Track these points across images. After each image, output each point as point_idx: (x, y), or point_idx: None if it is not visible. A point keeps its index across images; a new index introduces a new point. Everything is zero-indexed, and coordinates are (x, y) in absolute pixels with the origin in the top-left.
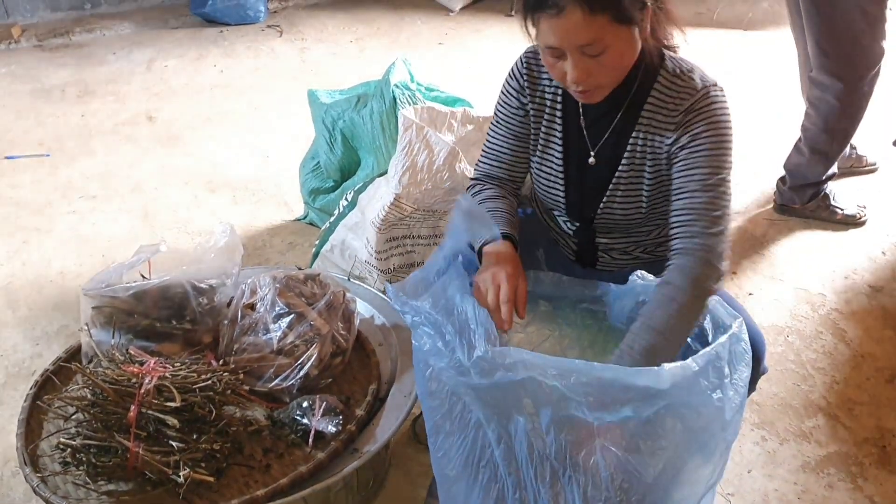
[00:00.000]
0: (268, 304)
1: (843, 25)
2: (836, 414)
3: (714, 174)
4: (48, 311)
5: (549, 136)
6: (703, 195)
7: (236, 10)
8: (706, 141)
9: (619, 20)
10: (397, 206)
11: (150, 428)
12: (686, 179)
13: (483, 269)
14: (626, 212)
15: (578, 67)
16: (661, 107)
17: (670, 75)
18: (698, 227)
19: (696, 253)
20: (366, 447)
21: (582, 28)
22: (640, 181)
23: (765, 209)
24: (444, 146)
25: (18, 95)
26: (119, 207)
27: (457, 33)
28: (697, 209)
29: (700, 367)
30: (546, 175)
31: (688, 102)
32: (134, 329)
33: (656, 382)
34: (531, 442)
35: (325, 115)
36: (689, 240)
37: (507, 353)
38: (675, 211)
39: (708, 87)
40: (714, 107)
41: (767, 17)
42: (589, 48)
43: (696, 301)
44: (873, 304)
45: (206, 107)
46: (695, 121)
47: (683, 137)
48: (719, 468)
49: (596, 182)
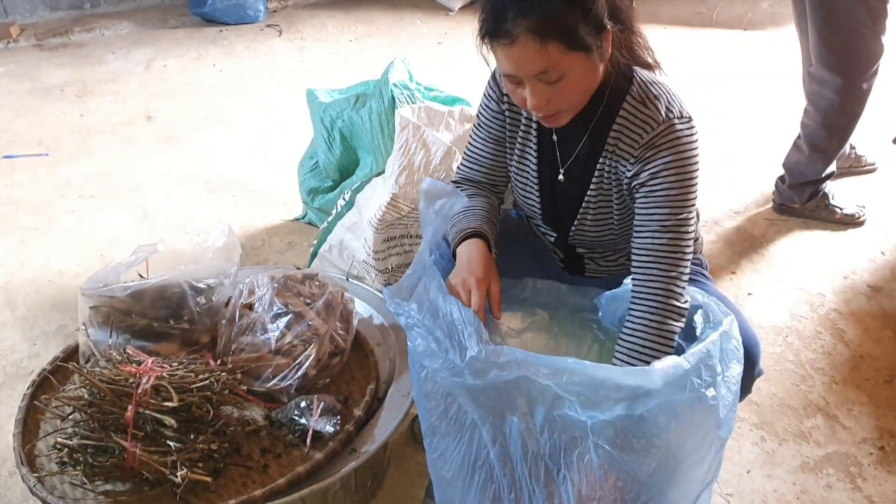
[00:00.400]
0: (266, 303)
1: (844, 18)
2: (835, 414)
3: (674, 215)
4: (46, 310)
5: (525, 146)
6: (661, 236)
7: (235, 9)
8: (666, 181)
9: (572, 47)
10: (394, 206)
11: (147, 428)
12: (646, 219)
13: (454, 272)
14: (599, 232)
15: (536, 95)
16: (625, 135)
17: (636, 101)
18: (657, 270)
19: (657, 297)
20: (364, 447)
21: (535, 56)
22: (609, 206)
23: (764, 209)
24: (441, 146)
25: (17, 95)
26: (118, 207)
27: (456, 33)
28: (656, 251)
29: (692, 364)
30: (523, 184)
31: (649, 136)
32: (132, 329)
33: (648, 381)
34: (525, 442)
35: (323, 114)
36: (648, 283)
37: (501, 351)
38: (635, 249)
39: (672, 121)
40: (676, 143)
41: (767, 17)
42: (544, 76)
43: (662, 343)
44: (872, 304)
45: (205, 106)
46: (654, 158)
47: (643, 174)
48: (714, 466)
49: (568, 199)
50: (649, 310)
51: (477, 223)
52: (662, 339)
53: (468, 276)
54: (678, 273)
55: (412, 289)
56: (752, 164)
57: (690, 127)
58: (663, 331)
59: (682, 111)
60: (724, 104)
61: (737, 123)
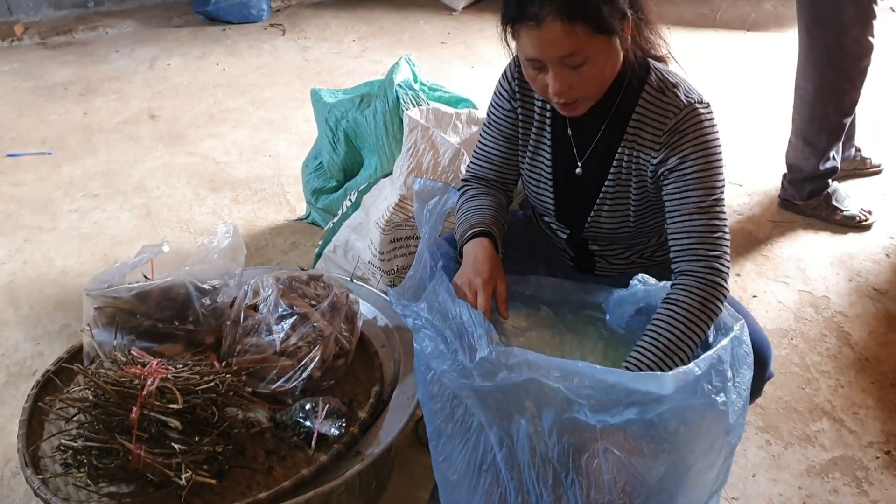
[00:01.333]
0: (271, 305)
1: (832, 12)
2: (840, 418)
3: (708, 195)
4: (50, 309)
5: (538, 142)
6: (700, 218)
7: (239, 8)
8: (695, 163)
9: (598, 30)
10: (402, 208)
11: (151, 430)
12: (681, 203)
13: (460, 272)
14: (614, 226)
15: (559, 79)
16: (646, 123)
17: (654, 90)
18: (702, 251)
19: (703, 276)
20: (368, 450)
21: (562, 39)
22: (627, 197)
23: (768, 211)
24: (450, 147)
25: (21, 93)
26: (121, 206)
27: (459, 32)
28: (697, 233)
29: (703, 371)
30: (536, 181)
31: (672, 121)
32: (136, 330)
33: (659, 388)
34: (533, 445)
35: (328, 114)
36: (693, 263)
37: (511, 353)
38: (674, 234)
39: (693, 105)
40: (700, 126)
41: (770, 18)
42: (569, 59)
43: (705, 322)
44: (878, 307)
45: (209, 105)
46: (681, 142)
47: (672, 159)
48: (724, 473)
49: (584, 192)
50: (695, 286)
51: (484, 221)
52: (702, 319)
53: (474, 277)
54: (721, 252)
55: (416, 289)
56: (756, 165)
57: (710, 111)
58: (709, 309)
59: (701, 97)
60: (727, 105)
61: (740, 125)
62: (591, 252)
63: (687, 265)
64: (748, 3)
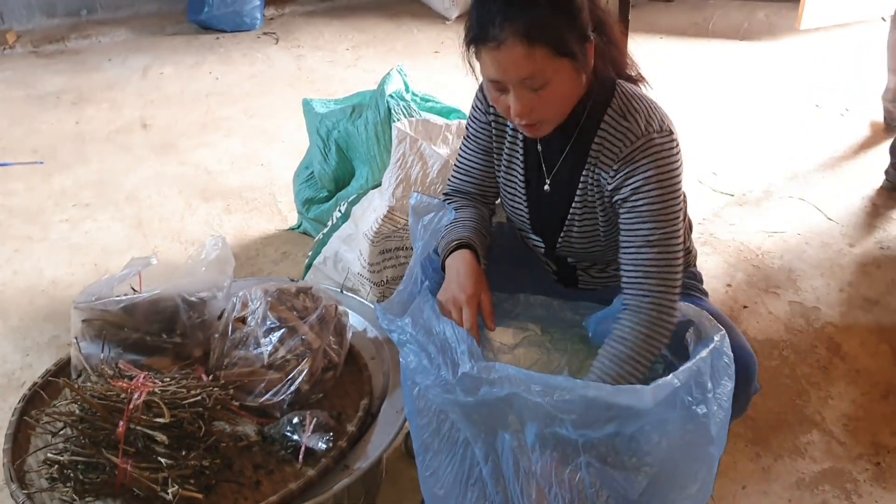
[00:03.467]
0: (259, 317)
1: None
2: (830, 430)
3: (658, 229)
4: (39, 321)
5: (511, 156)
6: (648, 251)
7: (233, 17)
8: (647, 196)
9: (558, 53)
10: (391, 219)
11: (138, 444)
12: (631, 235)
13: (444, 288)
14: (585, 244)
15: (520, 101)
16: (606, 147)
17: (617, 114)
18: (647, 286)
19: (647, 311)
20: (357, 464)
21: (522, 61)
22: (595, 218)
23: (759, 221)
24: (438, 158)
25: (13, 102)
26: (112, 216)
27: (453, 42)
28: (644, 267)
29: (682, 382)
30: (511, 194)
31: (628, 149)
32: (124, 342)
33: (639, 401)
34: (517, 459)
35: (319, 124)
36: (639, 297)
37: (493, 368)
38: (623, 265)
39: (650, 134)
40: (655, 156)
41: (763, 27)
42: (530, 81)
43: (646, 356)
44: (869, 317)
45: (202, 114)
46: (634, 172)
47: (624, 189)
48: (707, 484)
49: (554, 209)
50: (639, 322)
51: (465, 234)
52: (645, 355)
53: (458, 293)
54: (668, 287)
55: (403, 304)
56: (748, 175)
57: (671, 140)
58: (649, 345)
59: (663, 125)
60: (720, 114)
61: (732, 133)
62: (571, 266)
63: (633, 300)
64: (741, 12)
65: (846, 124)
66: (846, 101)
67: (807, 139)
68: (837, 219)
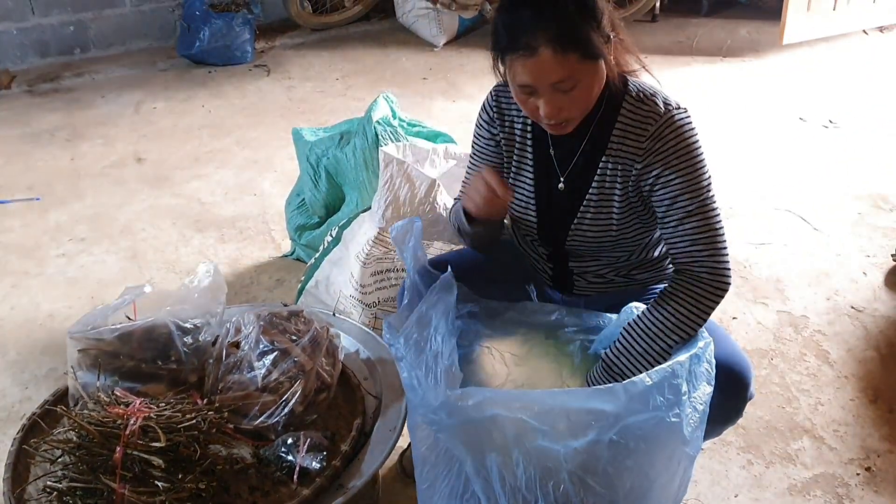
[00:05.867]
0: (252, 341)
1: None
2: (821, 435)
3: (695, 198)
4: (37, 354)
5: (521, 163)
6: (690, 221)
7: (223, 51)
8: (679, 169)
9: (587, 56)
10: (381, 241)
11: (135, 469)
12: (671, 210)
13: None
14: (596, 234)
15: (551, 104)
16: (629, 132)
17: (634, 100)
18: (696, 255)
19: (701, 275)
20: (351, 483)
21: (554, 67)
22: (611, 204)
23: (746, 232)
24: (425, 179)
25: (9, 141)
26: (107, 249)
27: (441, 68)
28: (690, 236)
29: (654, 381)
30: (519, 201)
31: (653, 128)
32: (120, 370)
33: (612, 399)
34: (503, 476)
35: (309, 152)
36: (691, 266)
37: (469, 394)
38: (669, 241)
39: (671, 111)
40: (679, 130)
41: (746, 44)
42: (561, 85)
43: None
44: (856, 324)
45: (194, 147)
46: (663, 149)
47: (655, 167)
48: (684, 483)
49: (566, 206)
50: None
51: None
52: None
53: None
54: (718, 248)
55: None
56: (733, 187)
57: (688, 115)
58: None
59: (678, 103)
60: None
61: (719, 150)
62: (570, 270)
63: (685, 266)
64: (723, 30)
65: (830, 136)
66: (830, 114)
67: (792, 151)
68: (823, 229)
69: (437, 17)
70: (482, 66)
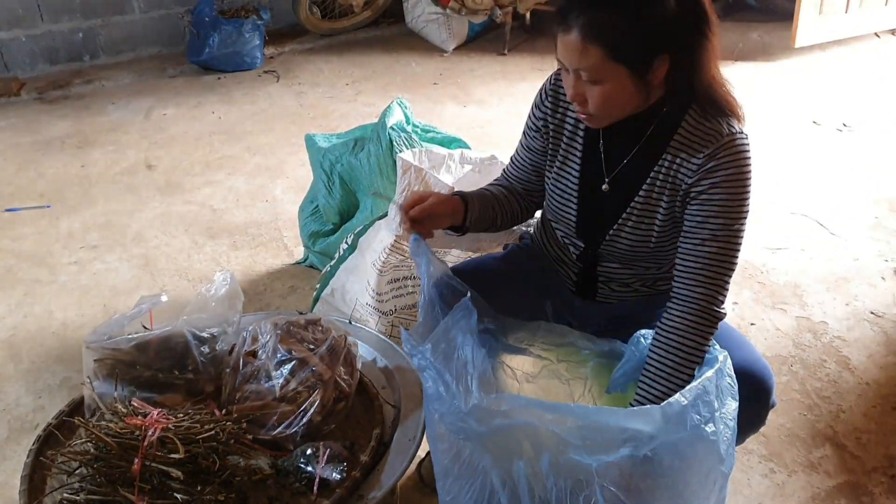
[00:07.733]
0: (269, 350)
1: None
2: (843, 443)
3: (727, 225)
4: (50, 363)
5: (567, 155)
6: (712, 244)
7: (233, 57)
8: (724, 192)
9: (613, 57)
10: (398, 248)
11: (154, 481)
12: (698, 227)
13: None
14: (634, 243)
15: (573, 88)
16: (687, 145)
17: (697, 118)
18: (702, 276)
19: (698, 302)
20: (371, 493)
21: (578, 51)
22: (654, 215)
23: (763, 238)
24: (443, 187)
25: (19, 148)
26: (119, 256)
27: (451, 73)
28: (705, 258)
29: (689, 400)
30: (560, 192)
31: (713, 146)
32: (136, 380)
33: (649, 422)
34: (532, 487)
35: (322, 159)
36: (690, 287)
37: (503, 399)
38: (682, 254)
39: (734, 135)
40: (738, 156)
41: (758, 48)
42: (583, 73)
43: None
44: (876, 330)
45: (205, 153)
46: (716, 168)
47: (703, 182)
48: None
49: (608, 208)
50: (689, 311)
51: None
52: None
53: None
54: (722, 282)
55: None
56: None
57: (748, 144)
58: (700, 333)
59: (742, 129)
60: None
61: None
62: (596, 275)
63: (685, 289)
64: (734, 33)
65: (844, 139)
66: (844, 117)
67: (806, 155)
68: (840, 233)
69: (446, 22)
70: (492, 70)
